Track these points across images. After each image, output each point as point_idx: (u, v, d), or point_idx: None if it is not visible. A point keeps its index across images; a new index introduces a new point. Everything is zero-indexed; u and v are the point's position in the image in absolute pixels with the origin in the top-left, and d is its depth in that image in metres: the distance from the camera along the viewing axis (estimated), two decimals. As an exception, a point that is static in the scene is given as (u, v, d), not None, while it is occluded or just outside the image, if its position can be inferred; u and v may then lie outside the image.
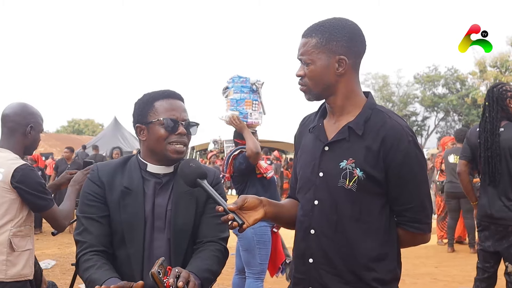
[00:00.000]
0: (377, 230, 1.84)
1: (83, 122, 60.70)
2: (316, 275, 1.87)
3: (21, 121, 2.85)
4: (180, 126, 2.03)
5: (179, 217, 2.01)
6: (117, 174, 2.05)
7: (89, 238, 1.97)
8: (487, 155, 3.89)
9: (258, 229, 4.38)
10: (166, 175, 2.08)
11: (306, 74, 1.88)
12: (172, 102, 2.08)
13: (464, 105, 36.40)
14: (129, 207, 1.99)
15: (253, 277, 4.50)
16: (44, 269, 5.11)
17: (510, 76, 25.60)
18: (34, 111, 2.94)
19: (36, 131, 2.92)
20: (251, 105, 4.94)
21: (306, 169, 1.95)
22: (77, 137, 45.63)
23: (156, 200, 2.03)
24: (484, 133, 3.92)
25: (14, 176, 2.69)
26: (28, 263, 2.76)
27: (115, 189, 2.02)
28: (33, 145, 2.93)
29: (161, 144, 2.02)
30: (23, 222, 2.75)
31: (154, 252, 1.97)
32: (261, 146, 4.84)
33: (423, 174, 1.88)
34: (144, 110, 2.08)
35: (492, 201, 3.91)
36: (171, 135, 2.02)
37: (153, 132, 2.03)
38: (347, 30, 1.86)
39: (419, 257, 7.70)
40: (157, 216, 2.01)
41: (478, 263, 4.16)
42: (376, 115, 1.86)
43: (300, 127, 2.12)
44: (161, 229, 2.00)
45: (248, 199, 1.84)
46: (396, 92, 41.34)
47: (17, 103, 2.94)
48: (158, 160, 2.07)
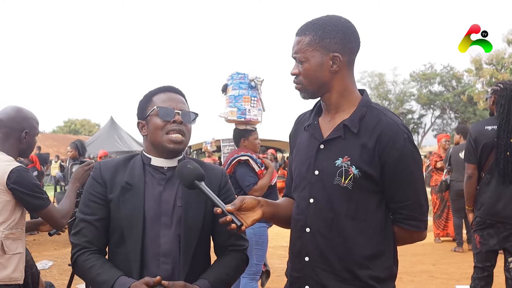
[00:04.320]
0: (373, 228, 1.83)
1: (79, 122, 60.58)
2: (312, 273, 1.87)
3: (15, 127, 2.83)
4: (176, 115, 2.02)
5: (190, 214, 2.00)
6: (119, 171, 2.05)
7: (83, 241, 2.00)
8: (506, 155, 3.83)
9: (257, 230, 4.38)
10: (170, 169, 2.07)
11: (301, 72, 1.88)
12: (170, 94, 2.09)
13: (460, 102, 36.51)
14: (128, 202, 1.98)
15: (248, 277, 4.50)
16: (41, 270, 5.11)
17: (506, 73, 25.62)
18: (29, 115, 2.91)
19: (31, 136, 2.90)
20: (250, 101, 4.92)
21: (301, 167, 1.94)
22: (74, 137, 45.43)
23: (162, 195, 2.02)
24: (507, 133, 3.85)
25: (10, 177, 2.68)
26: (18, 267, 2.73)
27: (116, 186, 2.02)
28: (28, 148, 2.92)
29: (158, 134, 2.01)
30: (15, 225, 2.74)
31: (161, 248, 1.96)
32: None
33: (419, 172, 1.87)
34: (143, 106, 2.10)
35: (503, 200, 3.89)
36: (167, 124, 2.01)
37: (151, 124, 2.04)
38: (341, 27, 1.85)
39: (416, 255, 7.71)
40: (164, 212, 2.00)
41: (476, 262, 4.13)
42: (371, 113, 1.85)
43: (295, 125, 2.12)
44: (167, 225, 1.99)
45: (246, 200, 1.84)
46: (393, 90, 41.45)
47: (11, 107, 2.91)
48: (159, 153, 2.06)
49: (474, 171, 4.10)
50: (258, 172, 4.53)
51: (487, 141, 3.98)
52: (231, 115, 5.05)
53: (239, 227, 1.76)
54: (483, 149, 4.01)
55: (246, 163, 4.51)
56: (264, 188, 4.45)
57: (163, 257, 1.96)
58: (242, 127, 4.97)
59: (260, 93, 4.89)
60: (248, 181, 4.44)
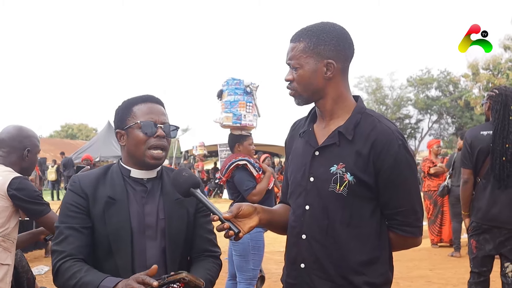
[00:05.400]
0: (368, 235, 1.84)
1: (76, 127, 60.44)
2: (308, 280, 1.87)
3: (17, 145, 2.90)
4: (159, 129, 2.00)
5: (173, 226, 2.00)
6: (99, 185, 2.00)
7: (69, 248, 1.89)
8: (502, 160, 3.83)
9: (253, 235, 4.37)
10: (150, 181, 2.05)
11: (295, 79, 1.88)
12: (150, 105, 2.04)
13: (457, 107, 36.56)
14: (114, 217, 1.94)
15: (244, 282, 4.49)
16: (37, 275, 5.08)
17: (502, 78, 25.67)
18: (30, 133, 2.99)
19: (33, 153, 2.97)
20: (245, 107, 4.94)
21: (297, 174, 1.95)
22: (71, 141, 45.51)
23: (145, 208, 2.00)
24: (502, 138, 3.85)
25: (12, 184, 2.72)
26: (5, 278, 2.72)
27: (98, 201, 1.96)
28: (31, 166, 2.98)
29: (140, 148, 1.99)
30: (8, 234, 2.74)
31: (148, 262, 1.93)
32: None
33: (413, 178, 1.88)
34: (123, 115, 2.05)
35: (499, 204, 3.89)
36: (150, 138, 1.98)
37: (132, 137, 2.00)
38: (335, 34, 1.86)
39: (412, 260, 7.71)
40: (148, 225, 1.99)
41: (473, 267, 4.12)
42: (365, 119, 1.86)
43: (290, 131, 2.12)
44: (153, 238, 1.98)
45: (243, 207, 1.84)
46: (390, 95, 41.49)
47: (13, 126, 2.99)
48: (138, 165, 2.03)
49: (470, 176, 4.11)
50: (256, 176, 4.52)
51: (482, 146, 3.99)
52: (226, 120, 5.06)
53: (236, 234, 1.76)
54: (479, 154, 4.02)
55: (244, 168, 4.51)
56: (262, 192, 4.44)
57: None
58: (237, 133, 4.97)
59: (255, 99, 4.90)
60: (247, 186, 4.43)
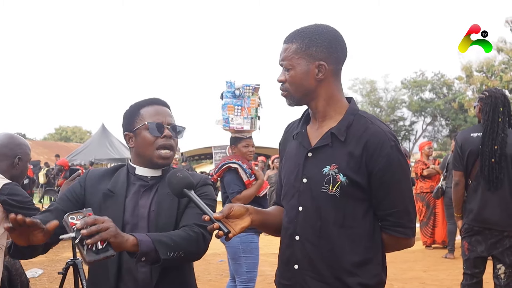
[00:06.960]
0: (361, 235, 1.84)
1: (70, 130, 60.32)
2: (301, 281, 1.88)
3: (8, 153, 2.91)
4: (166, 129, 2.09)
5: (161, 217, 2.03)
6: (104, 180, 2.11)
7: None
8: (491, 162, 3.87)
9: (244, 237, 4.37)
10: (153, 178, 2.12)
11: (287, 80, 1.90)
12: (157, 107, 2.15)
13: (451, 109, 36.69)
14: (109, 209, 2.01)
15: (241, 285, 4.50)
16: (31, 278, 5.07)
17: (496, 80, 25.80)
18: (21, 141, 2.99)
19: (24, 161, 2.97)
20: (233, 110, 4.96)
21: (290, 175, 1.96)
22: (65, 144, 45.41)
23: (140, 201, 2.06)
24: (491, 140, 3.89)
25: (3, 189, 2.72)
26: None
27: (97, 193, 2.07)
28: (21, 174, 2.98)
29: (149, 149, 2.08)
30: None
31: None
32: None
33: (406, 179, 1.89)
34: (131, 118, 2.15)
35: (489, 206, 3.92)
36: (157, 139, 2.07)
37: (140, 138, 2.10)
38: (327, 36, 1.88)
39: (406, 261, 7.72)
40: (140, 216, 2.04)
41: (465, 269, 4.14)
42: (358, 121, 1.87)
43: (284, 134, 2.14)
44: (143, 229, 2.01)
45: (234, 207, 1.84)
46: (384, 97, 41.60)
47: (4, 134, 3.00)
48: (146, 164, 2.12)
49: (461, 178, 4.15)
50: (246, 182, 4.53)
51: (472, 148, 4.02)
52: (219, 123, 5.11)
53: (226, 234, 1.76)
54: (469, 156, 4.05)
55: (235, 171, 4.54)
56: (248, 199, 4.43)
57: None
58: (236, 135, 4.99)
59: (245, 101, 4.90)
60: (233, 189, 4.47)
